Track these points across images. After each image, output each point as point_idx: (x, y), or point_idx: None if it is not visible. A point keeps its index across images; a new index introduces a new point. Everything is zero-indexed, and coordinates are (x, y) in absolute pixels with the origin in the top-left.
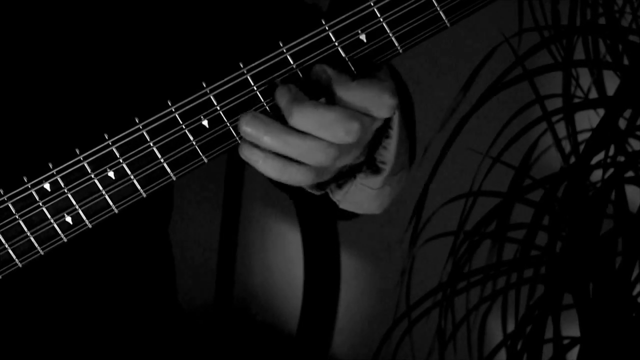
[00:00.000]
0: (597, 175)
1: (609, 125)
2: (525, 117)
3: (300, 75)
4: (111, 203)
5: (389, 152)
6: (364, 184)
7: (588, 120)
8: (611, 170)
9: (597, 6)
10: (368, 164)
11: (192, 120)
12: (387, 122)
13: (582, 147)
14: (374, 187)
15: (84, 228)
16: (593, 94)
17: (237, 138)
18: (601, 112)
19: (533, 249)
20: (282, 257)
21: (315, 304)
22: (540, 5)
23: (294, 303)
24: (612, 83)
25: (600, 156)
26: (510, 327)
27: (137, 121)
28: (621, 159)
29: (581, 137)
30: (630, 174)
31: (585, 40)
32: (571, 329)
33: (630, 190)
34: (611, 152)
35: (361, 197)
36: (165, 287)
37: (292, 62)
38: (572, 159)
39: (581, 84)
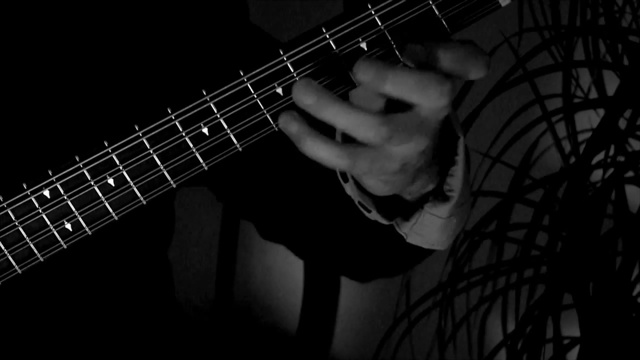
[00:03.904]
0: (597, 175)
1: (609, 125)
2: (525, 117)
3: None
4: (111, 210)
5: (456, 178)
6: (432, 213)
7: (588, 120)
8: (611, 170)
9: (597, 6)
10: (435, 193)
11: (192, 128)
12: (454, 148)
13: (582, 147)
14: (442, 216)
15: (84, 235)
16: (593, 94)
17: (237, 145)
18: (601, 112)
19: (533, 249)
20: (282, 257)
21: (315, 304)
22: (540, 6)
23: (294, 303)
24: (612, 83)
25: (600, 156)
26: (510, 327)
27: (136, 128)
28: (621, 159)
29: (581, 137)
30: (630, 174)
31: (585, 40)
32: (571, 329)
33: (630, 190)
34: (611, 152)
35: (429, 228)
36: (162, 289)
37: (292, 70)
38: (572, 159)
39: (581, 84)
